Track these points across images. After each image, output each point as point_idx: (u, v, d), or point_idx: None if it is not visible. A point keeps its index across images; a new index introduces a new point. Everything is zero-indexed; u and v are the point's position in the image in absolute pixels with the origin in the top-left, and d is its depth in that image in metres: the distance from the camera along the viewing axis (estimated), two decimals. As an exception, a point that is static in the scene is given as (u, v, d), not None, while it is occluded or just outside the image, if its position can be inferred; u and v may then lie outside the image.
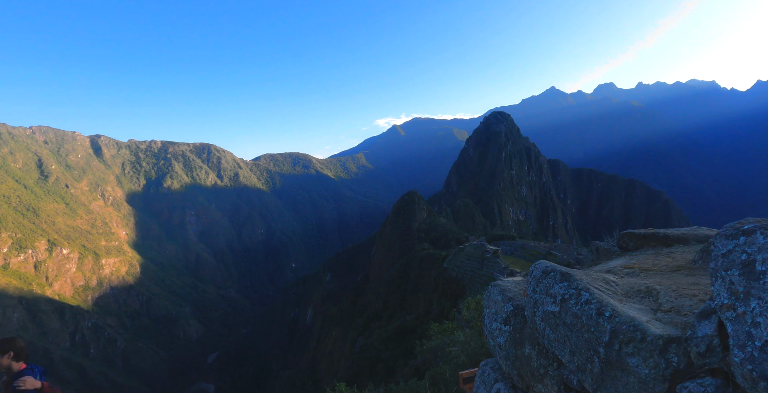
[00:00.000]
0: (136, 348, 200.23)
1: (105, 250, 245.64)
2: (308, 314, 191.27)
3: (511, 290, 4.95)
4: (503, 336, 4.63)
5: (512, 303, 4.67)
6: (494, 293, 5.06)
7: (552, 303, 3.85)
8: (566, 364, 3.76)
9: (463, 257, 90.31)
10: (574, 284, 3.76)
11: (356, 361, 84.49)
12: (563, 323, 3.69)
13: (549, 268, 4.15)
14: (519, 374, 4.49)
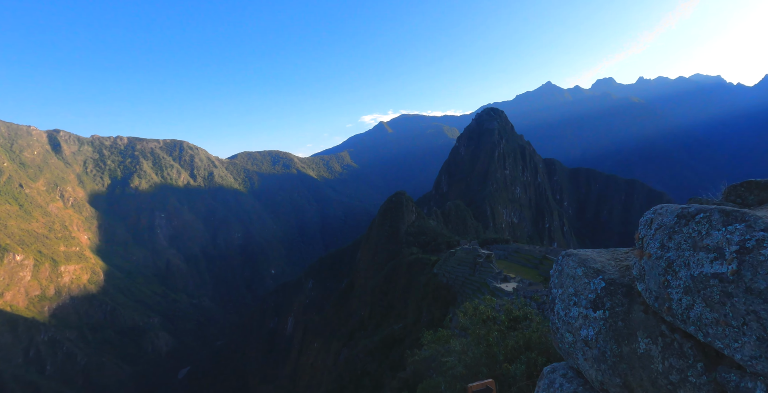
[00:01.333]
0: (99, 363, 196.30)
1: (64, 256, 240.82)
2: (288, 324, 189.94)
3: (596, 260, 3.86)
4: (593, 326, 3.52)
5: (603, 277, 3.59)
6: (569, 265, 3.96)
7: (713, 260, 2.59)
8: (745, 363, 2.46)
9: (453, 262, 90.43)
10: (760, 225, 2.52)
11: (340, 374, 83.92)
12: (744, 291, 2.42)
13: (693, 209, 2.93)
14: (625, 384, 3.33)
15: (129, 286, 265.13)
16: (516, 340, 14.29)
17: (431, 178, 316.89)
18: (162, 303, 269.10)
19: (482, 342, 14.39)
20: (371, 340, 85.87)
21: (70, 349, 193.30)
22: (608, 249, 4.20)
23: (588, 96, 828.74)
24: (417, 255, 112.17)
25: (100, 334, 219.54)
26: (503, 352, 13.93)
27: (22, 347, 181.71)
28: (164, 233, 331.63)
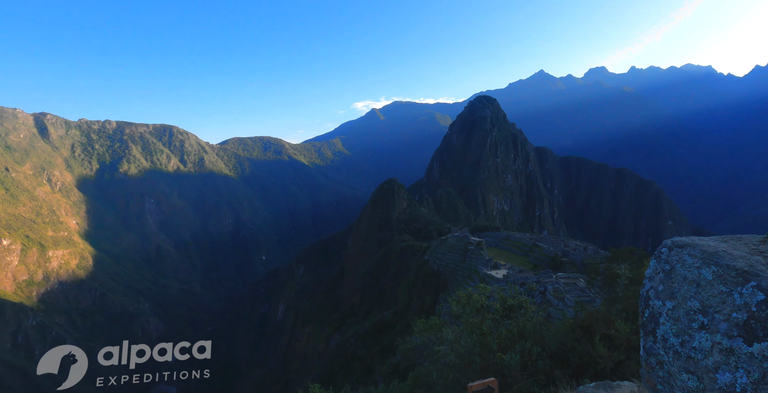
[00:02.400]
0: (88, 348, 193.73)
1: (52, 241, 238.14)
2: (279, 310, 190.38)
3: (733, 255, 2.44)
4: (746, 369, 2.13)
5: (760, 283, 2.18)
6: (686, 263, 2.56)
7: None
8: None
9: (445, 249, 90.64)
10: None
11: (331, 359, 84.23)
12: None
13: None
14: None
15: (118, 271, 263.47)
16: (510, 330, 14.00)
17: (423, 166, 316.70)
18: (152, 288, 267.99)
19: (475, 331, 14.08)
20: (362, 325, 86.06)
21: (59, 334, 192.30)
22: (731, 236, 2.84)
23: (580, 85, 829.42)
24: (408, 242, 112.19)
25: (90, 319, 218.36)
26: (497, 341, 13.64)
27: (10, 332, 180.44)
28: (154, 219, 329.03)
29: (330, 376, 72.34)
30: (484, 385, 4.63)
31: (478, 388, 4.63)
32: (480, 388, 4.64)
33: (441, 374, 14.64)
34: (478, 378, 12.96)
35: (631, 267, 16.06)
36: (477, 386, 4.63)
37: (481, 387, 4.65)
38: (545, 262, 76.46)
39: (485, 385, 4.65)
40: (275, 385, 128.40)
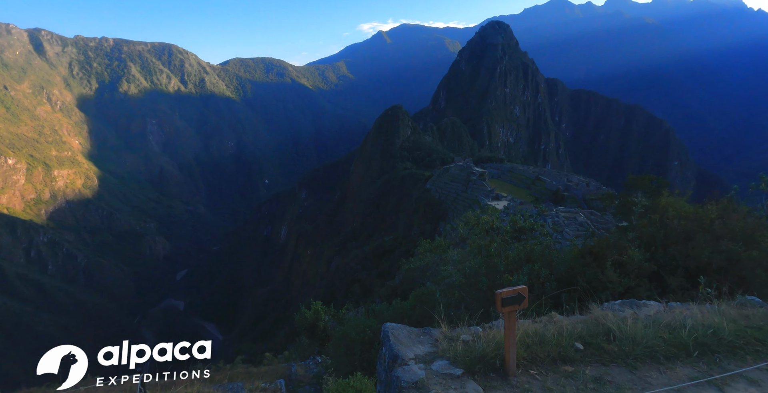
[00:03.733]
0: (99, 264, 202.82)
1: (57, 161, 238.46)
2: (282, 232, 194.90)
3: None
4: None
5: None
6: None
7: None
8: None
9: (447, 178, 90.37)
10: None
11: (332, 281, 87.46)
12: None
13: None
14: None
15: (124, 191, 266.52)
16: (517, 252, 13.68)
17: (429, 93, 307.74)
18: (157, 209, 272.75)
19: (482, 252, 13.76)
20: (362, 250, 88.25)
21: (69, 251, 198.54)
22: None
23: (600, 13, 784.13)
24: (410, 170, 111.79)
25: (98, 237, 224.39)
26: (504, 263, 13.34)
27: (23, 248, 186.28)
28: (156, 140, 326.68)
29: (330, 295, 75.19)
30: (514, 292, 4.02)
31: (508, 295, 4.01)
32: (509, 295, 4.02)
33: (445, 294, 14.60)
34: (483, 298, 12.79)
35: (649, 195, 15.40)
36: (506, 293, 4.02)
37: (511, 294, 4.02)
38: (547, 196, 76.34)
39: (515, 292, 4.03)
40: (278, 302, 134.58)
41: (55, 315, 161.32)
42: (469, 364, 4.66)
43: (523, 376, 4.61)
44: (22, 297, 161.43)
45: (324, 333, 23.14)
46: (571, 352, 4.86)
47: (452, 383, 4.43)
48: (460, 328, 5.71)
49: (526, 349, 4.85)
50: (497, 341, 4.89)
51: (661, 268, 12.78)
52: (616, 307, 6.06)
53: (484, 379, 4.56)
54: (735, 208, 12.71)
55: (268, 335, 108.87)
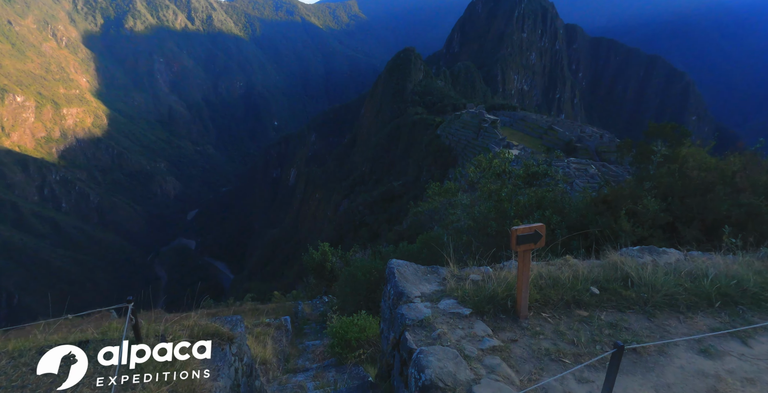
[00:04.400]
0: (111, 203, 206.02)
1: (65, 99, 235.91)
2: (291, 175, 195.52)
3: None
4: None
5: None
6: None
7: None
8: None
9: (458, 125, 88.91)
10: None
11: (340, 224, 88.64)
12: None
13: None
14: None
15: (133, 130, 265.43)
16: (528, 198, 13.35)
17: (443, 36, 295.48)
18: (167, 149, 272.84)
19: (493, 196, 13.45)
20: (370, 194, 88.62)
21: (82, 189, 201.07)
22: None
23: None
24: (421, 115, 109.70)
25: (110, 176, 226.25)
26: (515, 208, 13.06)
27: (36, 186, 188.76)
28: (164, 79, 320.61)
29: (338, 238, 76.37)
30: (531, 229, 3.66)
31: (524, 233, 3.63)
32: (525, 232, 3.65)
33: (453, 237, 14.46)
34: (492, 242, 12.62)
35: (670, 144, 14.80)
36: (522, 230, 3.65)
37: (527, 231, 3.66)
38: (559, 146, 75.09)
39: (532, 229, 3.67)
40: (287, 244, 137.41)
41: (72, 251, 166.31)
42: (478, 304, 4.44)
43: (534, 318, 4.39)
44: (38, 234, 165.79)
45: (331, 274, 23.54)
46: (586, 296, 4.62)
47: (459, 323, 4.22)
48: (469, 268, 5.47)
49: (538, 292, 4.61)
50: (508, 282, 4.65)
51: (676, 220, 12.45)
52: (635, 253, 5.77)
53: (493, 319, 4.35)
54: (759, 161, 12.18)
55: (277, 275, 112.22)
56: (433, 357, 3.52)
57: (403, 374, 3.97)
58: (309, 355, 11.48)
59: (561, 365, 3.74)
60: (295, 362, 10.42)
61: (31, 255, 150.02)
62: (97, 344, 4.30)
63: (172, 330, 4.36)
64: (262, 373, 7.13)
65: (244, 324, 5.31)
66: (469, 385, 3.34)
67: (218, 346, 4.43)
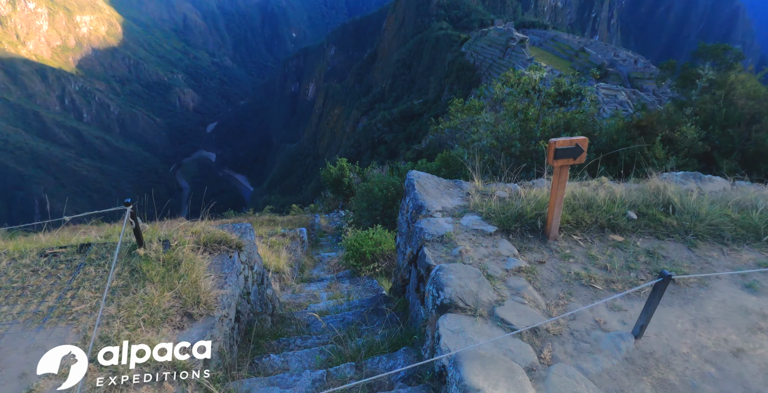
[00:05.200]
0: (131, 114, 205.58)
1: (77, 6, 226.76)
2: (310, 90, 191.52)
3: None
4: None
5: None
6: None
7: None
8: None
9: (484, 42, 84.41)
10: None
11: (358, 141, 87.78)
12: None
13: None
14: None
15: (148, 40, 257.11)
16: (556, 119, 12.57)
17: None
18: (183, 60, 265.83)
19: (519, 115, 12.67)
20: (390, 112, 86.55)
21: (102, 100, 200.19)
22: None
23: None
24: (446, 30, 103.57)
25: (128, 86, 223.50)
26: (541, 129, 12.35)
27: (57, 95, 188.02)
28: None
29: (356, 155, 76.18)
30: (572, 142, 3.13)
31: (563, 146, 3.09)
32: (565, 145, 3.10)
33: (473, 156, 13.91)
34: (515, 164, 12.10)
35: (718, 68, 13.57)
36: (562, 143, 3.13)
37: (567, 144, 3.12)
38: (589, 70, 70.95)
39: (573, 142, 3.15)
40: (305, 159, 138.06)
41: (96, 161, 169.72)
42: (504, 222, 4.06)
43: (564, 240, 4.02)
44: (62, 143, 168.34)
45: (348, 189, 23.52)
46: (622, 220, 4.20)
47: (483, 240, 3.87)
48: (494, 184, 5.04)
49: (570, 213, 4.20)
50: (539, 200, 4.23)
51: (714, 150, 11.72)
52: (678, 179, 5.26)
53: (519, 239, 3.99)
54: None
55: (296, 189, 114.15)
56: (453, 275, 3.21)
57: (420, 291, 3.72)
58: (324, 266, 11.61)
59: (591, 291, 3.43)
60: (310, 272, 10.54)
61: (58, 163, 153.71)
62: (99, 248, 4.10)
63: (177, 236, 4.11)
64: (276, 282, 7.12)
65: (254, 232, 5.08)
66: (492, 306, 3.04)
67: (226, 253, 4.20)
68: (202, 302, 3.42)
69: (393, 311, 4.39)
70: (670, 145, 11.28)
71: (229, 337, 3.72)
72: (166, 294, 3.38)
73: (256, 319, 4.56)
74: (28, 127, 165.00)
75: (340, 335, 3.98)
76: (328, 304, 5.92)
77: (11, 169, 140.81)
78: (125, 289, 3.44)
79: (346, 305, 5.41)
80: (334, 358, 3.57)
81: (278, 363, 3.65)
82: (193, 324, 3.30)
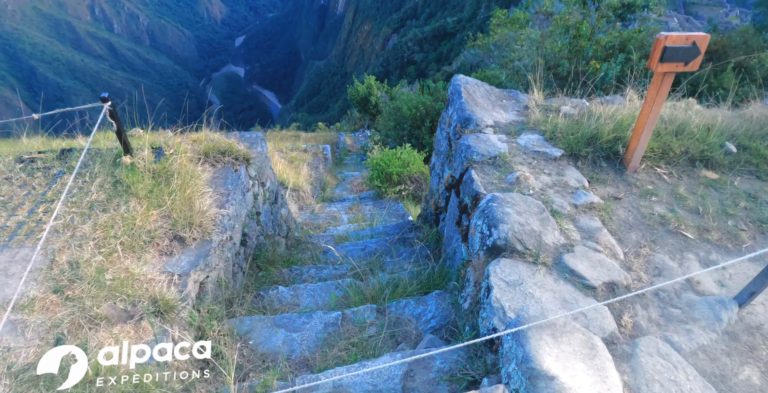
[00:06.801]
0: (161, 26, 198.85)
1: None
2: (340, 3, 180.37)
3: None
4: None
5: None
6: None
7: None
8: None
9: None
10: None
11: (387, 60, 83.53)
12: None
13: None
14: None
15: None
16: (611, 37, 10.97)
17: None
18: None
19: (570, 31, 11.07)
20: (421, 29, 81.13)
21: (131, 10, 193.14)
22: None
23: None
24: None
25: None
26: (594, 48, 10.83)
27: (87, 5, 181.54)
28: None
29: (385, 74, 72.97)
30: (688, 40, 2.75)
31: (675, 44, 2.73)
32: (678, 43, 2.72)
33: (512, 78, 12.55)
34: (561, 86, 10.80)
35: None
36: (675, 40, 2.75)
37: (681, 42, 2.73)
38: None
39: (689, 40, 2.76)
40: (334, 76, 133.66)
41: (129, 73, 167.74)
42: (572, 145, 3.17)
43: (645, 173, 3.14)
44: (96, 55, 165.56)
45: (375, 108, 22.41)
46: (718, 153, 3.26)
47: (546, 166, 3.03)
48: (557, 98, 4.06)
49: (655, 139, 3.28)
50: (618, 120, 3.28)
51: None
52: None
53: (591, 167, 3.13)
54: None
55: (323, 107, 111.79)
56: (510, 208, 2.43)
57: (462, 224, 2.94)
58: (347, 185, 11.00)
59: (681, 240, 2.62)
60: (332, 191, 9.95)
61: (94, 75, 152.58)
62: (82, 154, 3.40)
63: (173, 143, 3.36)
64: (293, 201, 6.49)
65: (266, 143, 4.32)
66: (558, 252, 2.29)
67: (231, 166, 3.48)
68: (195, 224, 2.77)
69: (423, 244, 3.71)
70: (744, 73, 9.80)
71: (232, 264, 3.12)
72: (153, 212, 2.73)
73: (267, 242, 3.96)
74: (62, 38, 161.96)
75: (360, 269, 3.34)
76: (348, 228, 5.30)
77: (51, 81, 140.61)
78: (105, 205, 2.79)
79: (369, 231, 4.75)
80: (352, 297, 2.95)
81: (287, 297, 3.06)
82: (184, 250, 2.67)
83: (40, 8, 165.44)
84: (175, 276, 2.45)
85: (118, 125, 2.92)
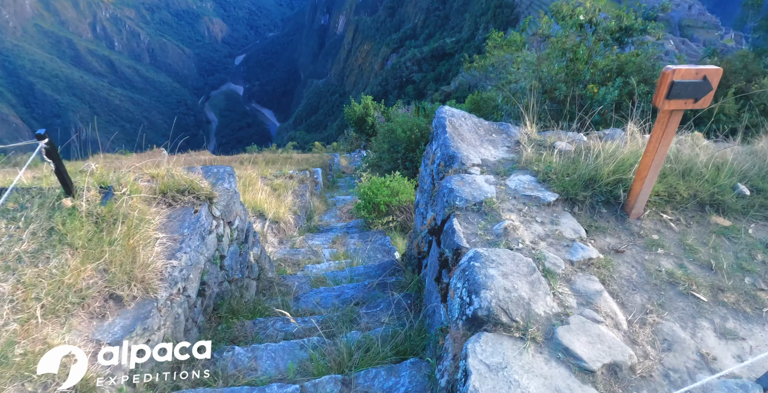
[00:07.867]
0: (161, 43, 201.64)
1: None
2: (340, 23, 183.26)
3: None
4: None
5: None
6: None
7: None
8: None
9: (529, -24, 77.56)
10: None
11: (385, 80, 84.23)
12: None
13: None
14: None
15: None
16: (608, 61, 10.84)
17: None
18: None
19: (567, 54, 10.94)
20: (420, 50, 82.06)
21: (132, 28, 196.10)
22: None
23: None
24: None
25: (157, 14, 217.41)
26: (592, 71, 10.69)
27: (89, 23, 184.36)
28: None
29: (383, 94, 73.46)
30: (698, 74, 2.61)
31: (684, 79, 2.59)
32: (686, 78, 2.59)
33: (508, 100, 12.39)
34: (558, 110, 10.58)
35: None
36: (683, 74, 2.59)
37: (690, 77, 2.59)
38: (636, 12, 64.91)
39: (699, 75, 2.60)
40: (332, 95, 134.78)
41: (128, 91, 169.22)
42: (568, 188, 2.84)
43: (650, 220, 2.82)
44: (95, 72, 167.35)
45: (372, 128, 22.35)
46: (730, 197, 2.94)
47: (538, 213, 2.70)
48: (552, 131, 3.75)
49: (660, 180, 2.96)
50: (618, 160, 2.97)
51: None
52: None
53: (589, 214, 2.81)
54: None
55: (321, 126, 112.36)
56: (495, 269, 2.10)
57: (441, 282, 2.58)
58: (336, 210, 10.69)
59: (692, 303, 2.28)
60: (320, 218, 9.62)
61: (92, 92, 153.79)
62: (20, 194, 3.05)
63: (126, 181, 3.04)
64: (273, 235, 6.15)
65: (234, 178, 4.00)
66: (551, 324, 1.96)
67: (191, 206, 3.15)
68: (137, 279, 2.43)
69: (404, 293, 3.36)
70: (744, 100, 9.65)
71: (184, 320, 2.77)
72: (88, 266, 2.39)
73: (233, 287, 3.61)
74: (63, 54, 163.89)
75: (332, 323, 2.99)
76: (329, 266, 4.96)
77: (49, 97, 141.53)
78: (35, 257, 2.44)
79: (348, 272, 4.41)
80: (317, 362, 2.59)
81: (244, 360, 2.69)
82: (120, 311, 2.33)
83: (42, 25, 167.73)
84: (103, 346, 2.13)
85: (56, 164, 2.60)
